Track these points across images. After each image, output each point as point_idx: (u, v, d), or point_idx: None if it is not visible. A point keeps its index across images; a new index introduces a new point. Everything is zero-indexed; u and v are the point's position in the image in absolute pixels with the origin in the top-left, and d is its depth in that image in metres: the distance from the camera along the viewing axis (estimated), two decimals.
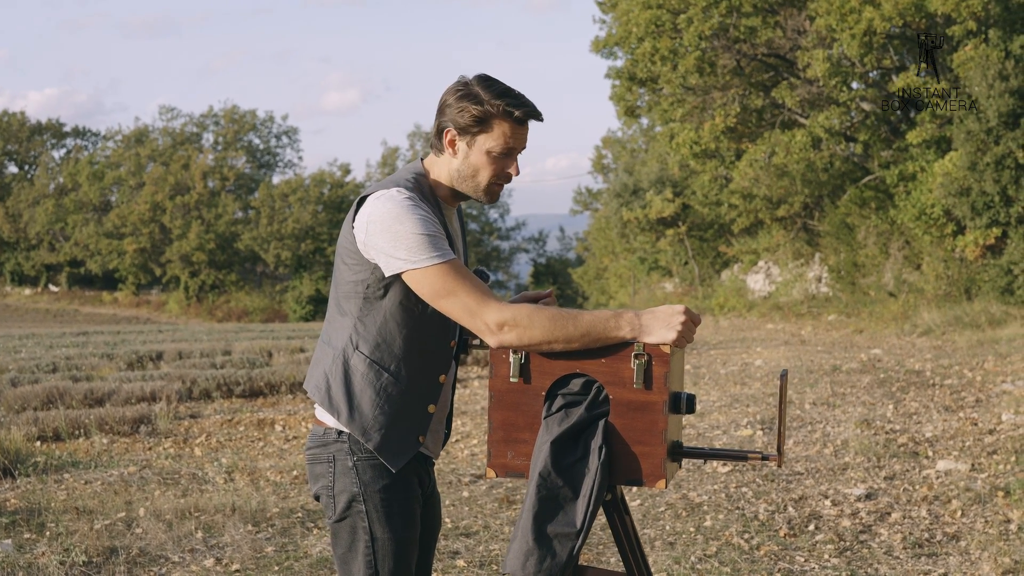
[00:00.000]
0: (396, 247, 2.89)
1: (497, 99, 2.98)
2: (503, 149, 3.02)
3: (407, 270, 2.90)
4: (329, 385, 3.04)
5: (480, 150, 3.02)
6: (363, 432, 3.00)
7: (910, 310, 21.74)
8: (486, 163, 3.03)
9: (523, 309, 2.86)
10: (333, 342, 3.08)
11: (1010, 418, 9.70)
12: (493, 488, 7.86)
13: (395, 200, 2.92)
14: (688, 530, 6.62)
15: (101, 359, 15.87)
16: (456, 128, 3.02)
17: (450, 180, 3.09)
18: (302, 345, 18.34)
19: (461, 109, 3.00)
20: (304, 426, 11.04)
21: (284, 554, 6.17)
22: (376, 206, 2.93)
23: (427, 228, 2.89)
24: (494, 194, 3.10)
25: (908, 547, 6.17)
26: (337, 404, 3.01)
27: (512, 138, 3.02)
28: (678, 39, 25.06)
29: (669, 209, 32.98)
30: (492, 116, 2.99)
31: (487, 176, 3.05)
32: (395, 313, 3.01)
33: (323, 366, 3.08)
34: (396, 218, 2.89)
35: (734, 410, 11.07)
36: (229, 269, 57.55)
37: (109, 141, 66.01)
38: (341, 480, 3.03)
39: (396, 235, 2.89)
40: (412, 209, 2.90)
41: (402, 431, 3.03)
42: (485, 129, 3.00)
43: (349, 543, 3.04)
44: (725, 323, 26.89)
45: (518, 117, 3.00)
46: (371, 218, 2.93)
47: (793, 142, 23.97)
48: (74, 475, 8.38)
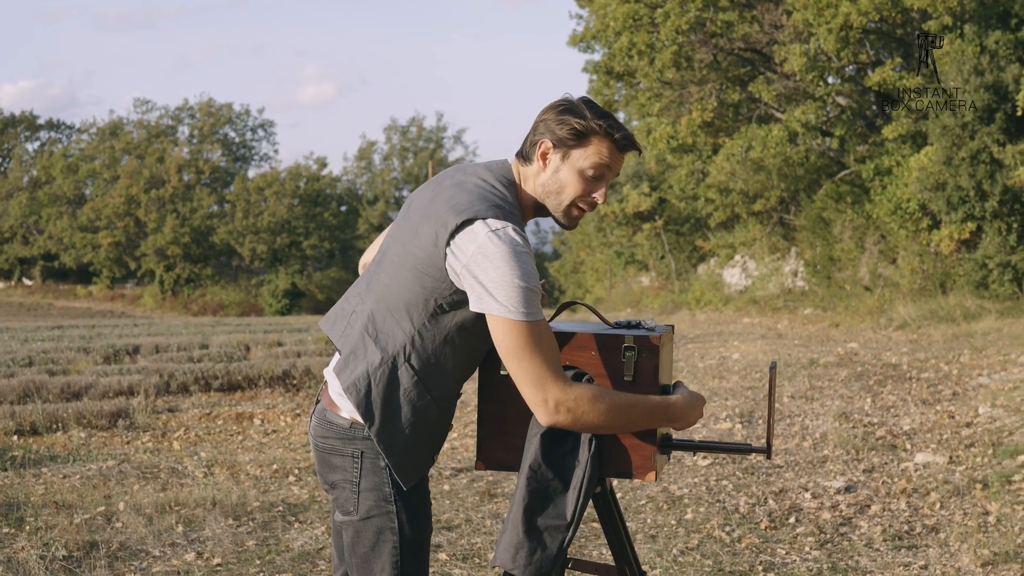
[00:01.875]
0: (497, 288, 2.76)
1: (600, 119, 2.90)
2: (596, 169, 2.91)
3: (497, 315, 2.78)
4: (371, 390, 2.90)
5: (573, 166, 2.92)
6: (388, 447, 2.89)
7: (886, 304, 21.82)
8: (575, 181, 2.92)
9: (585, 395, 2.79)
10: (384, 343, 2.92)
11: (987, 411, 9.76)
12: (475, 481, 7.86)
13: (512, 243, 2.78)
14: (669, 523, 6.63)
15: (77, 353, 15.79)
16: (552, 140, 2.92)
17: (534, 193, 2.98)
18: (280, 339, 18.29)
19: (561, 122, 2.90)
20: (283, 420, 11.01)
21: (266, 548, 6.15)
22: (492, 243, 2.78)
23: (531, 282, 2.78)
24: (574, 218, 2.99)
25: (888, 539, 6.20)
26: (373, 413, 2.89)
27: (607, 160, 2.92)
28: (655, 33, 25.07)
29: (646, 203, 33.03)
30: (593, 133, 2.89)
31: (572, 194, 2.94)
32: (454, 337, 2.91)
33: (367, 365, 2.92)
34: (507, 261, 2.76)
35: (713, 404, 11.09)
36: (204, 263, 57.39)
37: (83, 134, 65.81)
38: (370, 478, 2.92)
39: (503, 277, 2.76)
40: (524, 258, 2.78)
41: (423, 452, 2.95)
42: (582, 144, 2.90)
43: (373, 543, 2.94)
44: (702, 317, 26.95)
45: (617, 140, 2.91)
46: (484, 252, 2.77)
47: (769, 137, 24.02)
48: (52, 469, 8.33)
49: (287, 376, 13.51)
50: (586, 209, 2.98)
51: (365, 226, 58.56)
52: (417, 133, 63.57)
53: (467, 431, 9.90)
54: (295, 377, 13.47)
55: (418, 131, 63.63)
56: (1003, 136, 19.31)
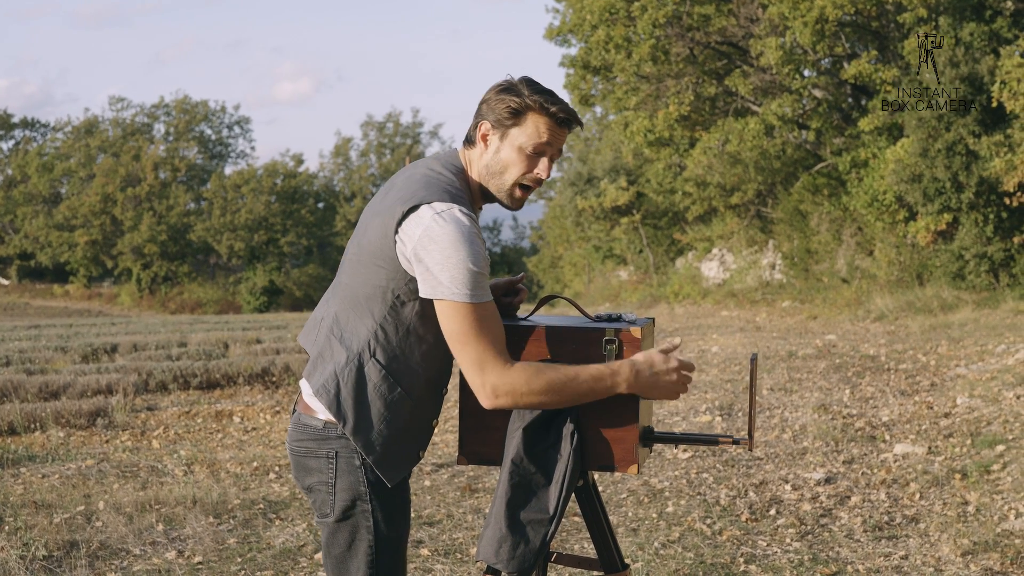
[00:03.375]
0: (443, 269, 2.76)
1: (537, 95, 2.90)
2: (535, 145, 2.90)
3: (442, 298, 2.78)
4: (339, 389, 2.90)
5: (512, 144, 2.91)
6: (365, 445, 2.88)
7: (863, 296, 21.90)
8: (516, 159, 2.92)
9: (522, 377, 2.79)
10: (348, 342, 2.93)
11: (965, 401, 9.81)
12: (455, 477, 7.86)
13: (459, 224, 2.77)
14: (651, 516, 6.65)
15: (55, 352, 15.71)
16: (491, 120, 2.93)
17: (479, 176, 2.98)
18: (258, 336, 18.25)
19: (499, 101, 2.91)
20: (262, 417, 10.98)
21: (247, 546, 6.14)
22: (438, 224, 2.78)
23: (478, 264, 2.77)
24: (519, 200, 2.98)
25: (868, 530, 6.23)
26: (344, 412, 2.89)
27: (545, 135, 2.91)
28: (632, 27, 25.07)
29: (623, 197, 33.04)
30: (529, 109, 2.89)
31: (515, 173, 2.93)
32: (417, 328, 2.91)
33: (334, 365, 2.93)
34: (453, 243, 2.75)
35: (692, 396, 11.11)
36: (182, 260, 57.21)
37: (59, 132, 65.41)
38: (344, 478, 2.92)
39: (447, 258, 2.75)
40: (472, 240, 2.78)
41: (404, 447, 2.95)
42: (519, 123, 2.90)
43: (349, 542, 2.94)
44: (680, 310, 27.00)
45: (554, 113, 2.90)
46: (429, 234, 2.77)
47: (746, 130, 24.05)
48: (31, 469, 8.29)
49: (266, 373, 13.48)
50: (531, 186, 2.97)
51: (342, 223, 58.46)
52: (394, 129, 63.48)
53: (447, 426, 9.90)
54: (274, 374, 13.44)
55: (395, 127, 63.53)
56: (978, 128, 19.39)
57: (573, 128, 2.98)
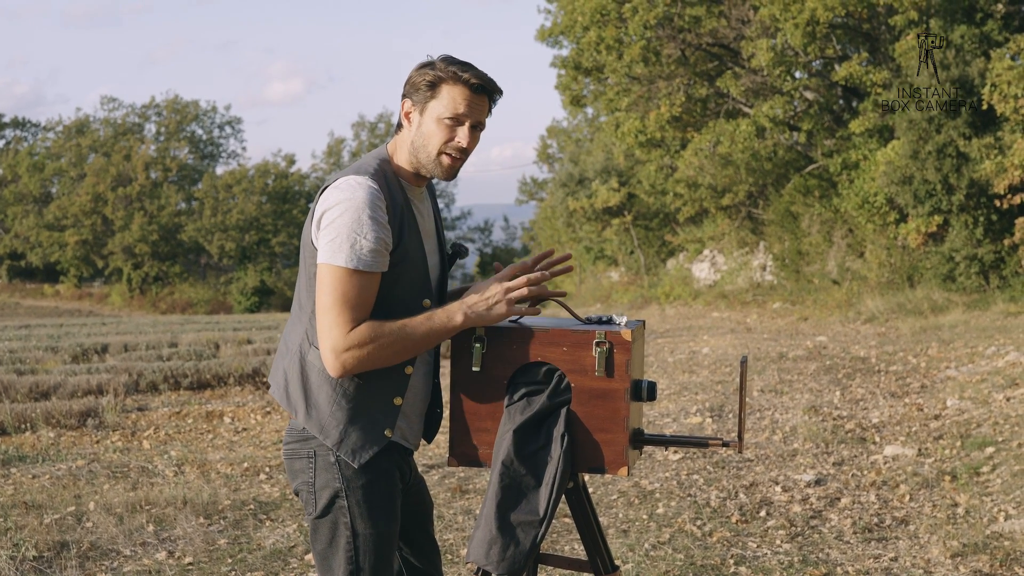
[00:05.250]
0: (327, 230, 2.86)
1: (451, 66, 2.97)
2: (452, 114, 2.97)
3: (321, 262, 2.87)
4: (287, 383, 3.00)
5: (431, 116, 2.99)
6: (320, 429, 2.95)
7: (854, 297, 21.93)
8: (436, 129, 2.98)
9: (357, 338, 2.85)
10: (290, 338, 3.05)
11: (955, 403, 9.83)
12: (446, 478, 7.86)
13: (352, 190, 2.87)
14: (641, 517, 6.65)
15: (45, 352, 15.68)
16: (412, 99, 3.02)
17: (410, 154, 3.05)
18: (249, 336, 18.24)
19: (418, 77, 3.00)
20: (253, 417, 10.98)
21: (237, 546, 6.14)
22: (339, 188, 2.89)
23: (363, 231, 2.85)
24: (448, 168, 3.03)
25: (858, 532, 6.24)
26: (295, 402, 2.98)
27: (462, 104, 2.97)
28: (623, 28, 25.09)
29: (615, 198, 33.04)
30: (442, 81, 2.97)
31: (437, 144, 2.99)
32: None
33: (283, 364, 3.05)
34: (347, 209, 2.84)
35: (683, 398, 11.13)
36: (173, 261, 57.06)
37: (49, 132, 65.19)
38: (322, 476, 2.98)
39: (332, 221, 2.85)
40: (363, 206, 2.85)
41: (363, 427, 2.97)
42: (435, 95, 2.98)
43: (330, 539, 3.00)
44: (671, 311, 27.01)
45: (466, 80, 2.96)
46: (327, 205, 2.88)
47: (737, 131, 24.07)
48: (21, 469, 8.28)
49: (257, 374, 13.47)
50: (456, 155, 3.02)
51: None
52: (385, 129, 63.42)
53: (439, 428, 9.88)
54: (265, 375, 13.43)
55: (387, 127, 63.49)
56: (969, 130, 19.42)
57: (493, 96, 3.04)
